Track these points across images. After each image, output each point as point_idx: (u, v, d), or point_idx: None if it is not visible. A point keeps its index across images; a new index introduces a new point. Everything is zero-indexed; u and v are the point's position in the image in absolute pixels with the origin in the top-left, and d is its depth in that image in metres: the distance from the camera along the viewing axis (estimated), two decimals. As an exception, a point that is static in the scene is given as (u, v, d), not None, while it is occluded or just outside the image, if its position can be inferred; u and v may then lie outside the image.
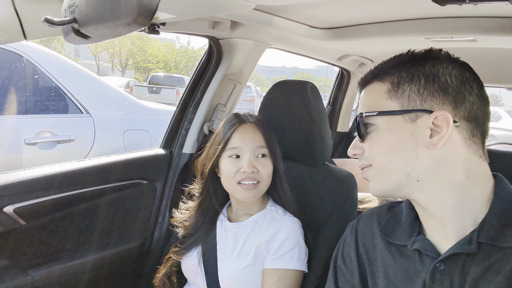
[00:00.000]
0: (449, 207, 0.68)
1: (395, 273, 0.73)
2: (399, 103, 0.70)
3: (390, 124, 0.70)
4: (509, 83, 2.24)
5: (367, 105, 0.74)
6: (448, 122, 0.66)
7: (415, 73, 0.69)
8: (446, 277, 0.66)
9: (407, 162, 0.68)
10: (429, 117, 0.67)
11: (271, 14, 1.24)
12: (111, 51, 27.16)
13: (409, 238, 0.73)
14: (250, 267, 1.08)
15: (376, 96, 0.73)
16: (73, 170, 1.33)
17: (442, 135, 0.66)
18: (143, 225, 1.54)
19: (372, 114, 0.72)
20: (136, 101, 3.16)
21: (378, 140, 0.71)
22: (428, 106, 0.67)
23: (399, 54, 0.75)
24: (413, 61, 0.71)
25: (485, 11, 1.10)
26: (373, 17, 1.29)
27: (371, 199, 1.58)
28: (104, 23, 0.46)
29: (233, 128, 1.11)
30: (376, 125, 0.72)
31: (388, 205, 0.85)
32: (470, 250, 0.65)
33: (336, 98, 2.59)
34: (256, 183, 1.09)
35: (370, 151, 0.73)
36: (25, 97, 2.43)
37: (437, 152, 0.67)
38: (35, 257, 1.25)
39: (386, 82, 0.72)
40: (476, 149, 0.69)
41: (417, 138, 0.68)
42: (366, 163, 0.74)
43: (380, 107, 0.72)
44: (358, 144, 0.76)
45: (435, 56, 0.71)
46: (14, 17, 0.79)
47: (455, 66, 0.70)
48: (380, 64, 0.76)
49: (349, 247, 0.84)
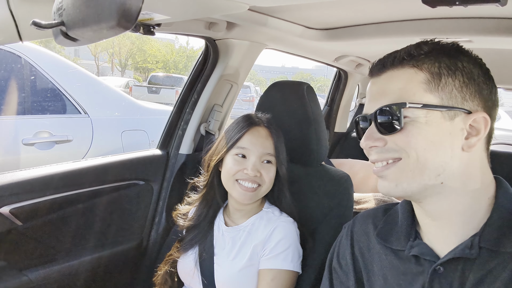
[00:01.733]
0: (459, 212, 0.66)
1: (393, 276, 0.72)
2: (439, 98, 0.64)
3: (429, 118, 0.63)
4: (506, 83, 2.25)
5: (399, 94, 0.65)
6: (487, 124, 0.63)
7: (457, 67, 0.64)
8: (445, 281, 0.65)
9: (442, 163, 0.63)
10: (467, 117, 0.63)
11: (267, 15, 1.24)
12: (111, 51, 27.17)
13: (406, 243, 0.72)
14: (246, 269, 1.09)
15: (412, 84, 0.65)
16: (69, 171, 1.33)
17: (480, 137, 0.63)
18: (139, 226, 1.54)
19: (416, 106, 0.63)
20: (134, 101, 3.16)
21: (417, 134, 0.64)
22: (468, 106, 0.64)
23: (425, 41, 0.68)
24: (449, 53, 0.66)
25: (480, 12, 1.10)
26: (369, 18, 1.29)
27: (368, 200, 1.59)
28: (90, 26, 0.46)
29: (246, 128, 1.11)
30: (412, 118, 0.64)
31: (384, 207, 0.84)
32: (471, 255, 0.63)
33: (333, 99, 2.60)
34: (256, 187, 1.09)
35: (405, 145, 0.64)
36: (23, 98, 2.43)
37: (468, 155, 0.64)
38: (32, 257, 1.25)
39: (425, 70, 0.65)
40: (488, 154, 0.68)
41: (454, 137, 0.63)
42: (395, 155, 0.65)
43: (417, 99, 0.64)
44: (378, 136, 0.67)
45: (466, 53, 0.67)
46: (9, 18, 0.79)
47: (482, 69, 0.67)
48: (411, 47, 0.67)
49: (345, 249, 0.83)
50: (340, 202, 1.21)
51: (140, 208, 1.54)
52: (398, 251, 0.73)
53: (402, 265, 0.72)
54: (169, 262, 1.23)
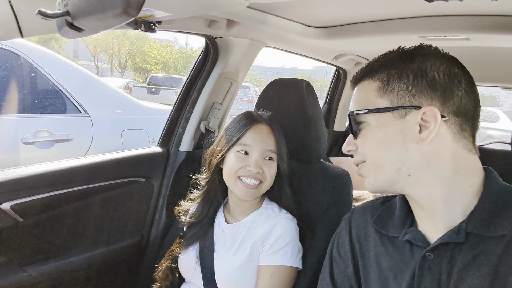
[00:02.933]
0: (439, 200, 0.70)
1: (386, 262, 0.75)
2: (389, 100, 0.71)
3: (380, 121, 0.72)
4: (503, 82, 2.26)
5: (359, 103, 0.76)
6: (436, 117, 0.67)
7: (404, 70, 0.71)
8: (435, 266, 0.68)
9: (398, 158, 0.70)
10: (417, 113, 0.68)
11: (266, 12, 1.25)
12: (110, 52, 27.16)
13: (401, 230, 0.75)
14: (246, 265, 1.09)
15: (367, 93, 0.75)
16: (70, 168, 1.34)
17: (430, 130, 0.68)
18: (140, 223, 1.55)
19: (362, 112, 0.74)
20: (134, 100, 3.17)
21: (369, 137, 0.74)
22: (417, 102, 0.69)
23: (389, 51, 0.76)
24: (403, 58, 0.73)
25: (477, 9, 1.11)
26: (367, 15, 1.30)
27: (367, 197, 1.59)
28: (95, 15, 0.47)
29: (248, 125, 1.12)
30: (367, 122, 0.74)
31: (383, 198, 0.87)
32: (458, 239, 0.66)
33: (332, 97, 2.61)
34: (258, 184, 1.10)
35: (362, 147, 0.75)
36: (22, 96, 2.43)
37: (426, 147, 0.68)
38: (32, 253, 1.26)
39: (376, 79, 0.74)
40: (466, 144, 0.70)
41: (407, 133, 0.69)
42: (360, 159, 0.76)
43: (370, 105, 0.73)
44: (352, 141, 0.78)
45: (424, 53, 0.73)
46: (10, 14, 0.80)
47: (444, 61, 0.71)
48: (371, 61, 0.77)
49: (344, 238, 0.86)
50: (339, 198, 1.21)
51: (141, 205, 1.55)
52: (394, 238, 0.77)
53: (396, 252, 0.75)
54: (170, 257, 1.23)
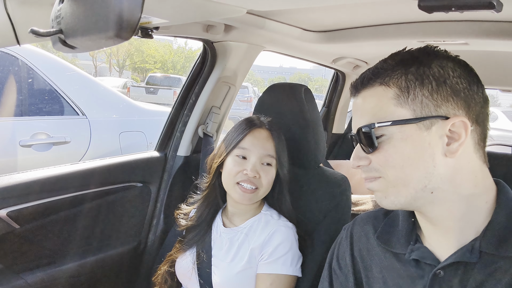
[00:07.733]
0: (456, 218, 0.66)
1: (392, 279, 0.72)
2: (411, 110, 0.63)
3: (405, 133, 0.64)
4: (502, 85, 2.27)
5: (371, 113, 0.67)
6: (467, 128, 0.62)
7: (424, 75, 0.64)
8: (445, 285, 0.65)
9: (425, 174, 0.63)
10: (445, 123, 0.62)
11: (264, 17, 1.24)
12: (109, 51, 27.08)
13: (406, 246, 0.72)
14: (244, 272, 1.09)
15: (382, 102, 0.66)
16: (67, 173, 1.33)
17: (461, 142, 0.62)
18: (137, 228, 1.54)
19: (385, 124, 0.64)
20: (131, 102, 3.16)
21: (393, 152, 0.64)
22: (443, 112, 0.63)
23: (396, 53, 0.69)
24: (418, 61, 0.65)
25: (476, 15, 1.11)
26: (366, 20, 1.30)
27: (365, 201, 1.59)
28: (88, 36, 0.46)
29: (248, 130, 1.12)
30: (387, 135, 0.65)
31: (385, 210, 0.82)
32: (471, 259, 0.63)
33: (331, 100, 2.60)
34: (254, 189, 1.10)
35: (383, 164, 0.66)
36: (20, 99, 2.42)
37: (453, 160, 0.63)
38: (29, 260, 1.25)
39: (393, 86, 0.65)
40: (481, 154, 0.66)
41: (435, 147, 0.63)
42: (376, 175, 0.67)
43: (389, 115, 0.65)
44: (363, 155, 0.68)
45: (438, 55, 0.67)
46: (7, 21, 0.79)
47: (459, 65, 0.66)
48: (379, 64, 0.69)
49: (344, 250, 0.83)
50: (338, 204, 1.21)
51: (138, 210, 1.54)
52: (398, 254, 0.73)
53: (402, 268, 0.71)
54: (169, 262, 1.23)
